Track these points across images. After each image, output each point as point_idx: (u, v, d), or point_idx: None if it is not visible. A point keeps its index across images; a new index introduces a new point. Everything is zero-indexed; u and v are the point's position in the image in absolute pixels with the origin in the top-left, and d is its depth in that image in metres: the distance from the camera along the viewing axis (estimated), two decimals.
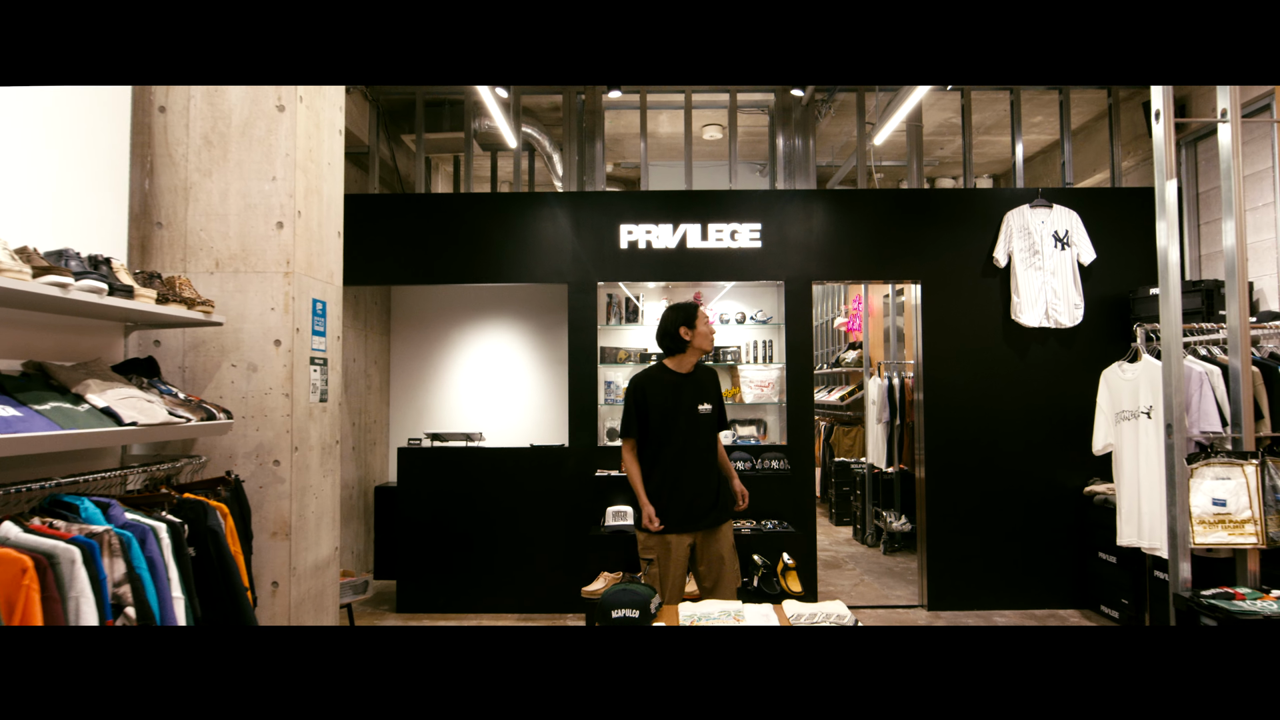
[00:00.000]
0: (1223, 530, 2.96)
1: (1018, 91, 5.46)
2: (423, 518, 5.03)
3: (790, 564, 4.48)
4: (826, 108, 5.81)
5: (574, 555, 4.89)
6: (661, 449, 3.23)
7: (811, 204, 5.22)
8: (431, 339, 6.00)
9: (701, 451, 3.28)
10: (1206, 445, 3.22)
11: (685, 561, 3.24)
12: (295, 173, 3.08)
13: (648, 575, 3.24)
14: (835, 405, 9.03)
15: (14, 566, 1.75)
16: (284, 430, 3.03)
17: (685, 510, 3.21)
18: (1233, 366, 3.07)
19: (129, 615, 2.03)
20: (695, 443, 3.26)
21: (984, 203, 5.21)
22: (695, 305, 3.34)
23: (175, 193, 3.05)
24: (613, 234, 5.16)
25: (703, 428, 3.28)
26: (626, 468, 3.29)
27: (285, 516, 3.01)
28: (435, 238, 5.18)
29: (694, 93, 5.55)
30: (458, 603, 5.01)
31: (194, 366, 3.03)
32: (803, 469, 5.04)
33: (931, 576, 5.09)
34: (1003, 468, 5.03)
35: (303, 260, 3.13)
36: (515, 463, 5.12)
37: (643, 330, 5.52)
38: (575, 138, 5.72)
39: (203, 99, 3.08)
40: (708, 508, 3.25)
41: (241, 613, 2.44)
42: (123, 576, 2.04)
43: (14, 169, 2.37)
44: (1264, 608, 2.70)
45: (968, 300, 5.14)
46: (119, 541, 2.05)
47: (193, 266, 3.04)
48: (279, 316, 3.04)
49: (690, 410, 3.26)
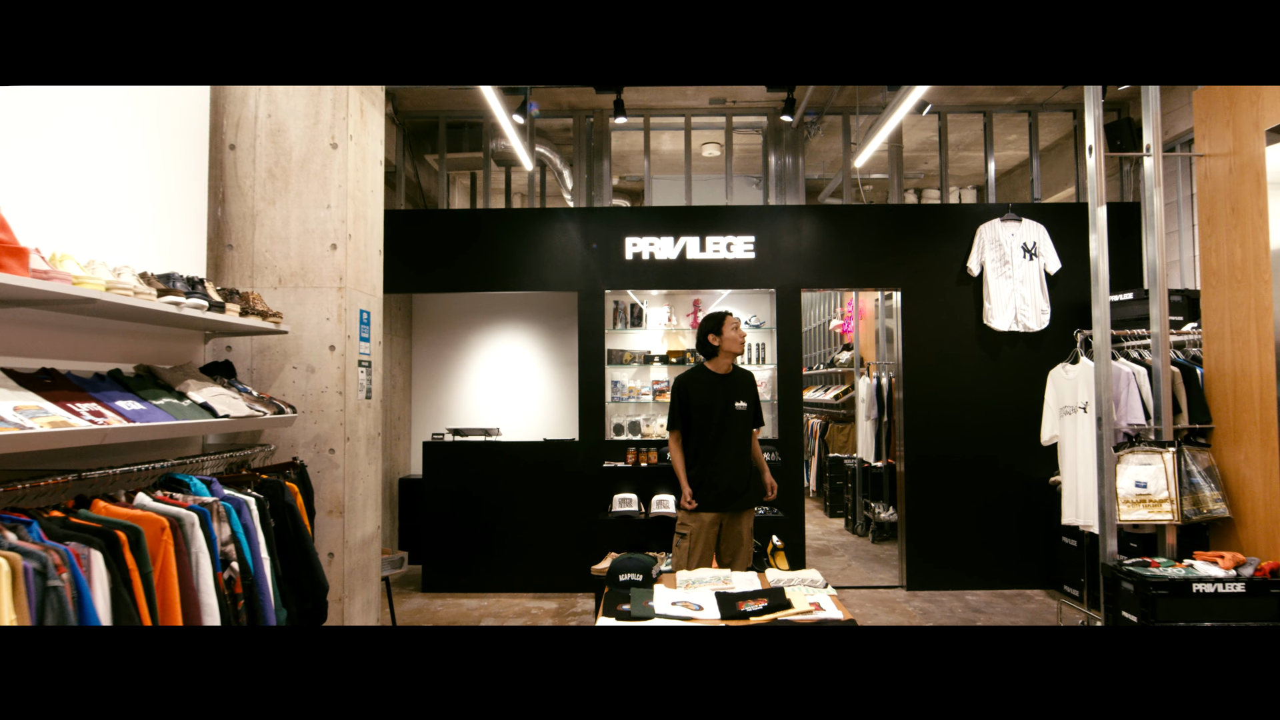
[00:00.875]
0: (1144, 509, 3.44)
1: (990, 114, 5.93)
2: (445, 505, 5.53)
3: (779, 545, 4.95)
4: (815, 129, 6.29)
5: (584, 538, 5.38)
6: (703, 440, 3.71)
7: (800, 218, 5.71)
8: (451, 342, 6.50)
9: (735, 443, 3.73)
10: (1132, 435, 3.69)
11: (713, 538, 3.71)
12: (346, 201, 3.58)
13: (678, 549, 3.71)
14: (830, 403, 9.51)
15: (155, 525, 2.25)
16: (338, 423, 3.53)
17: (719, 494, 3.68)
18: (1155, 367, 3.55)
19: (234, 569, 2.52)
20: (730, 435, 3.71)
21: (959, 217, 5.68)
22: (724, 314, 3.78)
23: (244, 219, 3.56)
24: (619, 246, 5.65)
25: (738, 422, 3.74)
26: (672, 455, 3.79)
27: (339, 497, 3.51)
28: (455, 250, 5.67)
29: (693, 115, 6.04)
30: (477, 583, 5.50)
31: (260, 368, 3.53)
32: (793, 460, 5.53)
33: (910, 560, 5.57)
34: (975, 460, 5.51)
35: (352, 276, 3.63)
36: (529, 455, 5.62)
37: (646, 334, 6.01)
38: (584, 156, 6.21)
39: (267, 138, 3.58)
40: (739, 493, 3.72)
41: (314, 572, 2.94)
42: (229, 537, 2.54)
43: (117, 201, 2.87)
44: (1173, 573, 3.17)
45: (944, 306, 5.62)
46: (224, 510, 2.55)
47: (259, 283, 3.55)
48: (333, 325, 3.54)
49: (727, 407, 3.72)
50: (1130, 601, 3.21)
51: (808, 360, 11.90)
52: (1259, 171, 3.34)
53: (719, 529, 3.72)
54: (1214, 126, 3.62)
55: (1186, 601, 3.10)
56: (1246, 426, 3.42)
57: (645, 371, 6.02)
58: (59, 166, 2.55)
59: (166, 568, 2.25)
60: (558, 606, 5.21)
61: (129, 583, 2.07)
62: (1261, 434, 3.33)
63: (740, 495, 3.72)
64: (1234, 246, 3.49)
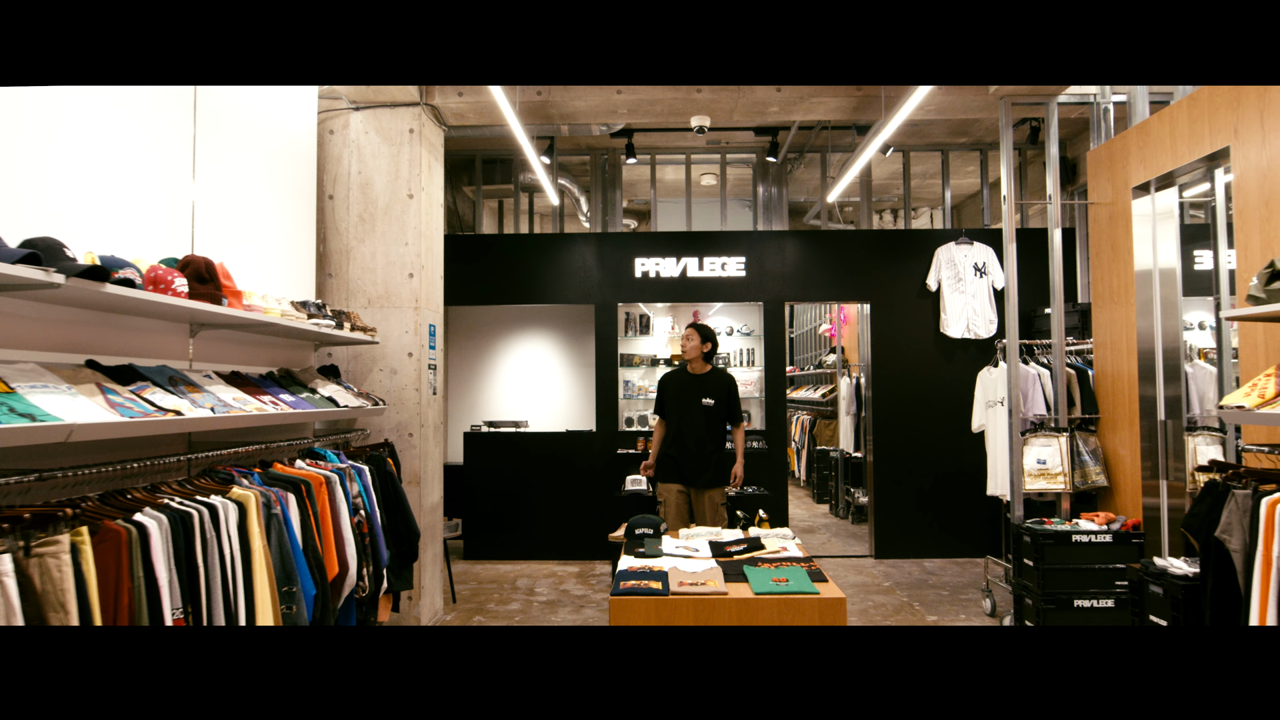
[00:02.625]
0: (1044, 480, 4.42)
1: (946, 153, 6.91)
2: (483, 485, 6.52)
3: (764, 517, 5.92)
4: (797, 164, 7.27)
5: (601, 513, 6.36)
6: (671, 426, 4.67)
7: (784, 241, 6.69)
8: (482, 347, 7.49)
9: (699, 431, 4.66)
10: (1036, 423, 4.66)
11: (682, 505, 4.67)
12: (420, 240, 4.57)
13: (663, 511, 4.68)
14: (818, 401, 10.48)
15: (318, 480, 3.23)
16: (414, 413, 4.52)
17: (680, 472, 4.63)
18: (1055, 369, 4.53)
19: (361, 514, 3.51)
20: (695, 424, 4.65)
21: (920, 240, 6.66)
22: (691, 326, 4.76)
23: (340, 254, 4.55)
24: (629, 265, 6.63)
25: (700, 415, 4.65)
26: (654, 436, 4.75)
27: (416, 471, 4.50)
28: (489, 268, 6.66)
29: (692, 153, 7.03)
30: (511, 551, 6.49)
31: (354, 371, 4.51)
32: (777, 447, 6.51)
33: (878, 533, 6.54)
34: (934, 448, 6.48)
35: (424, 298, 4.62)
36: (553, 444, 6.60)
37: (653, 340, 6.99)
38: (600, 186, 7.20)
39: (358, 190, 4.56)
40: (699, 472, 4.65)
41: (409, 523, 3.93)
42: (357, 493, 3.52)
43: (265, 245, 3.85)
44: (1060, 528, 4.14)
45: (907, 316, 6.59)
46: (353, 473, 3.54)
47: (352, 304, 4.53)
48: (410, 337, 4.53)
49: (694, 402, 4.65)
50: (1028, 551, 4.19)
51: (801, 362, 12.89)
52: (1127, 218, 4.31)
53: (688, 499, 4.64)
54: (1100, 181, 4.60)
55: (1067, 548, 4.07)
56: (1121, 416, 4.39)
57: (652, 372, 6.99)
58: (237, 224, 3.54)
59: (324, 509, 3.24)
60: (579, 570, 6.20)
61: (307, 517, 3.06)
62: (1129, 422, 4.30)
63: (700, 474, 4.58)
64: (1113, 275, 4.47)
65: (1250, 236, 3.32)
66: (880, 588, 5.64)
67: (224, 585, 2.46)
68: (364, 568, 3.49)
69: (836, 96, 4.95)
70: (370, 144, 4.56)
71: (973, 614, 4.91)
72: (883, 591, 5.53)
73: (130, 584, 2.09)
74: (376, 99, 4.50)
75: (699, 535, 4.15)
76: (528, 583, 5.84)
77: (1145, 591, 3.24)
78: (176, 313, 2.74)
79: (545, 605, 5.25)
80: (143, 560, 2.13)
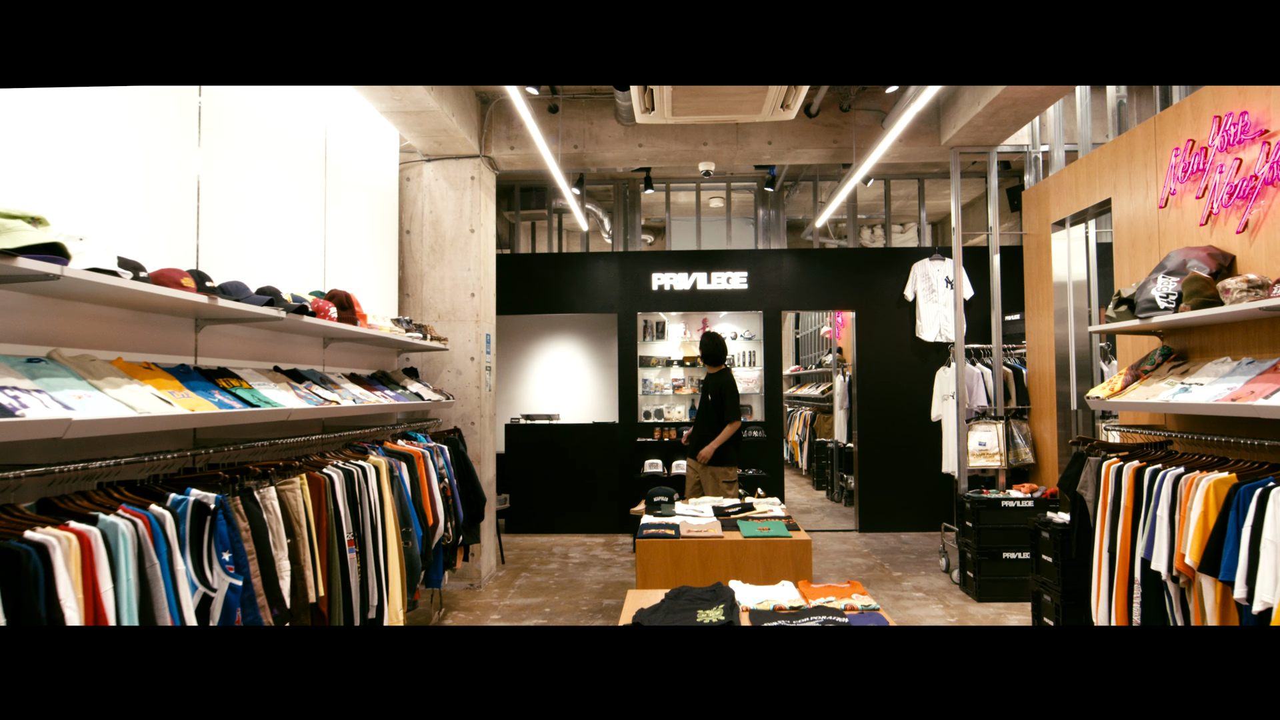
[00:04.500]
0: (983, 459, 5.46)
1: (922, 180, 7.93)
2: (522, 468, 7.62)
3: (762, 495, 6.98)
4: (793, 189, 8.31)
5: (623, 492, 7.44)
6: None
7: (781, 258, 7.73)
8: (519, 350, 8.59)
9: (704, 421, 5.74)
10: (979, 413, 5.70)
11: (692, 477, 5.73)
12: (478, 265, 5.66)
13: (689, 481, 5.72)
14: (817, 397, 11.51)
15: (417, 454, 4.32)
16: (475, 406, 5.62)
17: (691, 450, 5.71)
18: (994, 369, 5.56)
19: (445, 482, 4.61)
20: (703, 416, 5.72)
21: (899, 257, 7.68)
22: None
23: (416, 278, 5.65)
24: (647, 280, 7.70)
25: (707, 408, 5.73)
26: None
27: (477, 452, 5.60)
28: (525, 282, 7.75)
29: (701, 183, 8.09)
30: (546, 526, 7.58)
31: (427, 372, 5.62)
32: (774, 435, 7.56)
33: (862, 510, 7.58)
34: (910, 437, 7.50)
35: (482, 313, 5.71)
36: (582, 433, 7.69)
37: (667, 344, 8.06)
38: (621, 209, 8.28)
39: (430, 226, 5.66)
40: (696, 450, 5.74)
41: (478, 493, 5.03)
42: (441, 467, 4.62)
43: (363, 271, 4.95)
44: (995, 497, 5.17)
45: (887, 322, 7.62)
46: (439, 450, 4.64)
47: (425, 318, 5.63)
48: (472, 344, 5.63)
49: (703, 398, 5.73)
50: (969, 515, 5.23)
51: (805, 361, 13.92)
52: (1049, 246, 5.34)
53: (697, 476, 5.71)
54: (1030, 216, 5.63)
55: (998, 512, 5.10)
56: (1044, 407, 5.42)
57: (667, 372, 8.07)
58: (350, 257, 4.65)
59: (423, 476, 4.34)
60: (605, 540, 7.29)
61: (416, 480, 4.16)
62: (1050, 412, 5.33)
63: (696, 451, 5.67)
64: (1039, 291, 5.50)
65: (1124, 266, 4.35)
66: (860, 553, 6.69)
67: (371, 522, 3.56)
68: (449, 522, 4.60)
69: (816, 147, 6.00)
70: (439, 189, 5.67)
71: (931, 572, 5.95)
72: (861, 556, 6.58)
73: (327, 513, 3.19)
74: (445, 153, 5.60)
75: (704, 502, 5.21)
76: (562, 549, 6.93)
77: (1039, 537, 4.29)
78: (326, 331, 3.85)
79: (578, 565, 6.34)
80: (332, 498, 3.24)
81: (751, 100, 4.44)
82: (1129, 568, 3.41)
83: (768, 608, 2.85)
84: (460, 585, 5.61)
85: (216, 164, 3.27)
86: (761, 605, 2.87)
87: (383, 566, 3.61)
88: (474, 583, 5.62)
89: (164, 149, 2.98)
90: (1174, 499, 3.16)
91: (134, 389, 2.41)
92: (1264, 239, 3.39)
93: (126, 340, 2.73)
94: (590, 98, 5.95)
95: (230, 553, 2.50)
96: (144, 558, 2.11)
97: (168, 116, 3.00)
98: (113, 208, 2.72)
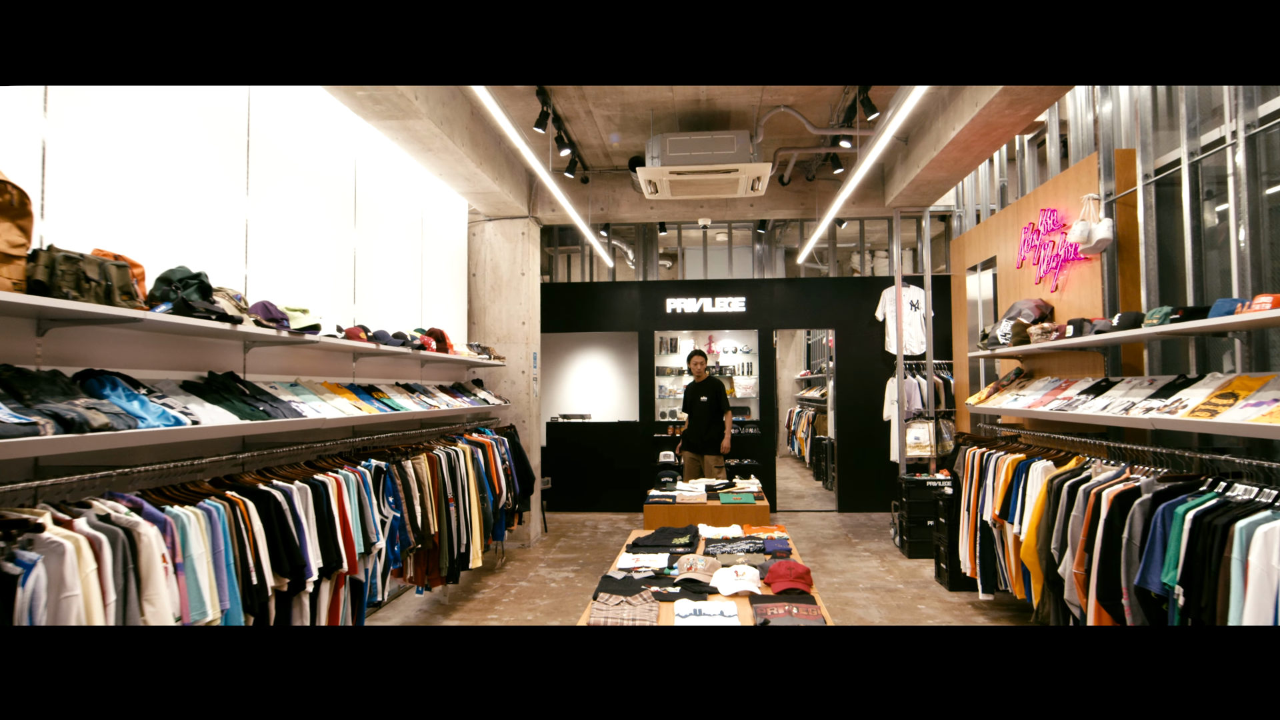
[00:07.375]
0: (918, 450, 7.02)
1: (891, 220, 9.47)
2: (560, 458, 9.34)
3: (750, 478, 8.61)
4: (784, 227, 9.91)
5: (642, 478, 9.12)
6: (689, 416, 7.40)
7: (775, 286, 9.35)
8: (557, 361, 10.32)
9: (701, 419, 7.38)
10: (915, 415, 7.24)
11: (693, 465, 7.38)
12: (527, 300, 7.38)
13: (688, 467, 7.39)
14: (818, 399, 13.06)
15: (489, 443, 6.04)
16: (526, 409, 7.34)
17: (688, 443, 7.35)
18: (929, 379, 7.12)
19: (506, 465, 6.33)
20: (699, 415, 7.37)
21: (873, 284, 9.23)
22: (694, 352, 7.46)
23: (480, 311, 7.39)
24: (662, 304, 9.36)
25: (704, 408, 7.39)
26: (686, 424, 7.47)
27: (527, 443, 7.33)
28: (563, 307, 9.46)
29: (707, 227, 9.73)
30: (579, 505, 9.28)
31: (489, 382, 7.35)
32: (767, 431, 9.18)
33: (840, 494, 9.16)
34: (878, 434, 9.02)
35: (530, 337, 7.43)
36: (609, 430, 9.38)
37: (679, 357, 9.74)
38: (641, 243, 9.96)
39: (490, 270, 7.40)
40: (701, 443, 7.38)
41: (529, 473, 6.75)
42: (505, 452, 6.35)
43: (444, 307, 6.68)
44: (921, 479, 6.74)
45: (862, 339, 9.18)
46: (501, 440, 6.37)
47: (487, 341, 7.36)
48: (523, 361, 7.35)
49: (697, 400, 7.39)
50: (904, 494, 6.80)
51: (814, 367, 15.46)
52: (965, 285, 6.89)
53: (698, 462, 7.35)
54: (955, 259, 7.17)
55: (923, 490, 6.66)
56: (964, 409, 6.97)
57: (679, 380, 9.73)
58: (438, 298, 6.39)
59: (490, 459, 6.06)
60: (628, 517, 8.97)
61: (488, 461, 5.88)
62: (965, 413, 6.88)
63: (701, 445, 7.28)
64: (960, 320, 7.04)
65: (1002, 307, 5.91)
66: (832, 527, 8.28)
67: (462, 486, 5.28)
68: (510, 493, 6.31)
69: (788, 208, 7.63)
70: (497, 241, 7.40)
71: (883, 540, 7.50)
72: (833, 529, 8.17)
73: (437, 479, 4.92)
74: (502, 214, 7.33)
75: (700, 482, 6.86)
76: (592, 524, 8.63)
77: (937, 506, 5.88)
78: (427, 357, 5.58)
79: (604, 534, 8.03)
80: (440, 470, 4.96)
81: (729, 185, 6.08)
82: (975, 521, 5.00)
83: (718, 537, 4.50)
84: (515, 545, 7.34)
85: (365, 239, 5.03)
86: (714, 537, 4.53)
87: (470, 517, 5.34)
88: (525, 543, 7.34)
89: (336, 230, 4.74)
90: (994, 472, 4.75)
91: (338, 400, 4.16)
92: (1068, 296, 4.96)
93: (321, 369, 4.49)
94: (613, 172, 7.64)
95: (392, 497, 4.24)
96: (361, 491, 3.85)
97: (340, 205, 4.76)
98: (295, 276, 4.48)
